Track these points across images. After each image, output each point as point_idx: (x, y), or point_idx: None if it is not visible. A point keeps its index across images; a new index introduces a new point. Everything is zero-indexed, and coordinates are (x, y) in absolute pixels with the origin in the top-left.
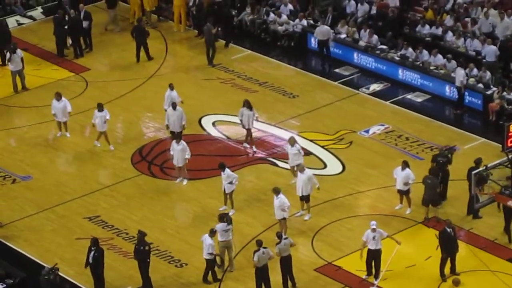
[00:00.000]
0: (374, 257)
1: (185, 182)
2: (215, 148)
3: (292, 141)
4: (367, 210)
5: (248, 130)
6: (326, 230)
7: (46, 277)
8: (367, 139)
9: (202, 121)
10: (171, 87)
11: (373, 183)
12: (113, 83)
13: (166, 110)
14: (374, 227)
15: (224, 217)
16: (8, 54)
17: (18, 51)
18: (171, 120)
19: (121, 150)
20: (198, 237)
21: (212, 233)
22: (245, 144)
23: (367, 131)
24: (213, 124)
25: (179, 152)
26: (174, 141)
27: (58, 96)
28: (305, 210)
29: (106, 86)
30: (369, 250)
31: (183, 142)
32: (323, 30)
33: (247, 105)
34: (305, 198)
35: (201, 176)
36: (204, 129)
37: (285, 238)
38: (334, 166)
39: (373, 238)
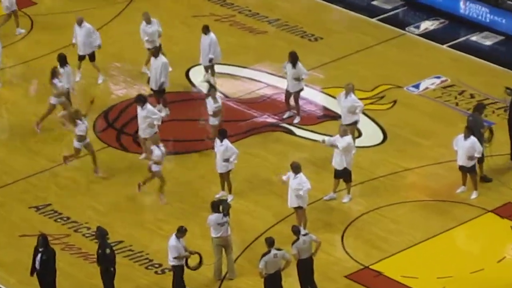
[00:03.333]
0: None
1: (142, 156)
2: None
3: (348, 89)
4: (417, 195)
5: (293, 94)
6: (362, 222)
7: None
8: (416, 97)
9: (191, 74)
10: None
11: (425, 157)
12: (67, 21)
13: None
14: None
15: (218, 206)
16: None
17: None
18: (151, 73)
19: None
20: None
21: (181, 232)
22: (288, 113)
23: (417, 86)
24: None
25: (140, 119)
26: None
27: None
28: (340, 191)
29: (57, 25)
30: None
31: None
32: None
33: (292, 59)
34: (341, 174)
35: (190, 148)
36: (193, 85)
37: (305, 235)
38: (372, 134)
39: None
